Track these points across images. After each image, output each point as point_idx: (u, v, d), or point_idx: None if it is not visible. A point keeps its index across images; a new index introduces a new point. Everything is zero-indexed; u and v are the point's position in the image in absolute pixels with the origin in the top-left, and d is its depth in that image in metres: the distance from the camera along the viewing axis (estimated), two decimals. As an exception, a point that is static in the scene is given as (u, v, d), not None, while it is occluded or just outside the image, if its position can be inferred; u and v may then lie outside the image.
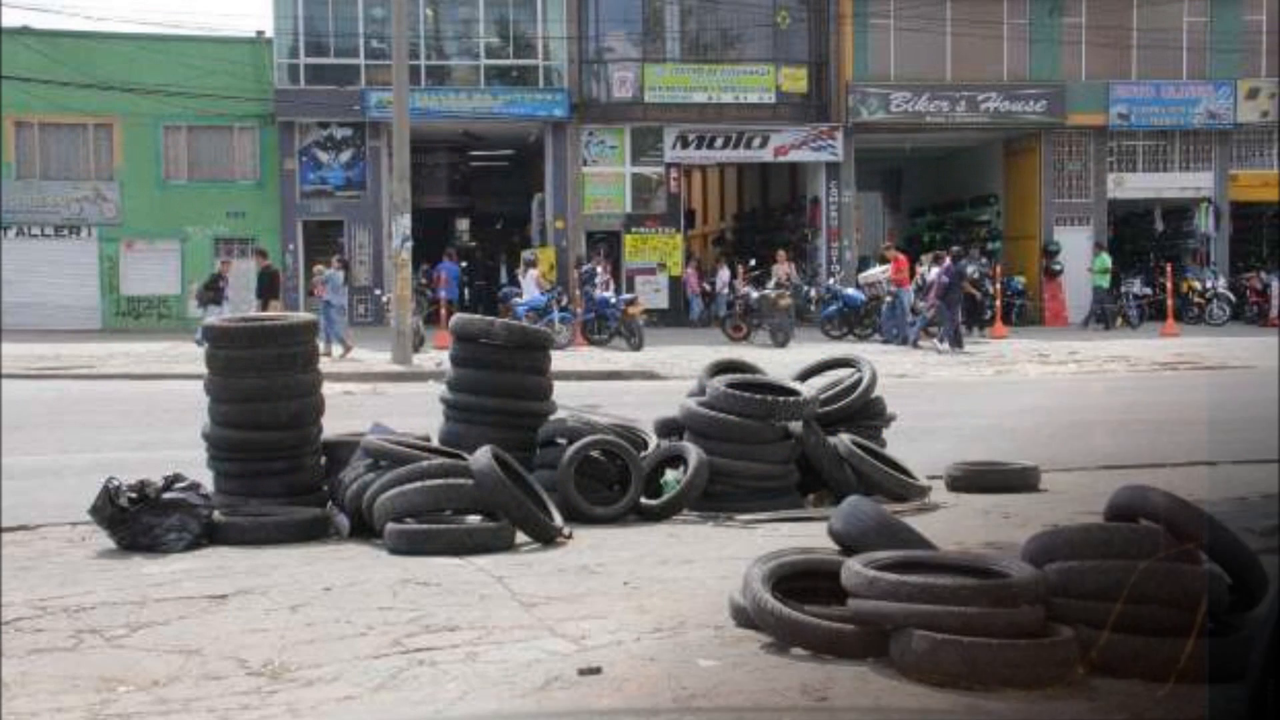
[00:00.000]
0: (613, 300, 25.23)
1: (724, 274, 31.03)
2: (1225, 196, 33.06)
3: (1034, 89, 31.82)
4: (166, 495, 7.05)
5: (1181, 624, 4.60)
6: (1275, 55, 31.95)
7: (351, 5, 30.79)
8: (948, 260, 24.15)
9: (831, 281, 29.30)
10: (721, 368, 8.86)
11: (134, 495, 6.98)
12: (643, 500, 7.79)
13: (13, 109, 29.51)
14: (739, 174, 39.57)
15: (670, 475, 7.98)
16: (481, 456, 7.03)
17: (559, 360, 11.33)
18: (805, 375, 9.30)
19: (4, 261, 29.97)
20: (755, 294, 25.69)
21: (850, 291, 26.95)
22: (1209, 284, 30.99)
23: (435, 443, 8.11)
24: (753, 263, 30.64)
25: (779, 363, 14.17)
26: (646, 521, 7.66)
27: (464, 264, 35.71)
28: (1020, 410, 14.47)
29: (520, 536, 6.95)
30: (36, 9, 53.57)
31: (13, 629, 5.27)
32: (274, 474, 7.76)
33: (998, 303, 28.20)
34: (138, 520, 6.94)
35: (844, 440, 8.21)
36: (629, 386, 17.82)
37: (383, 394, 16.61)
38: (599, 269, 27.30)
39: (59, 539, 7.35)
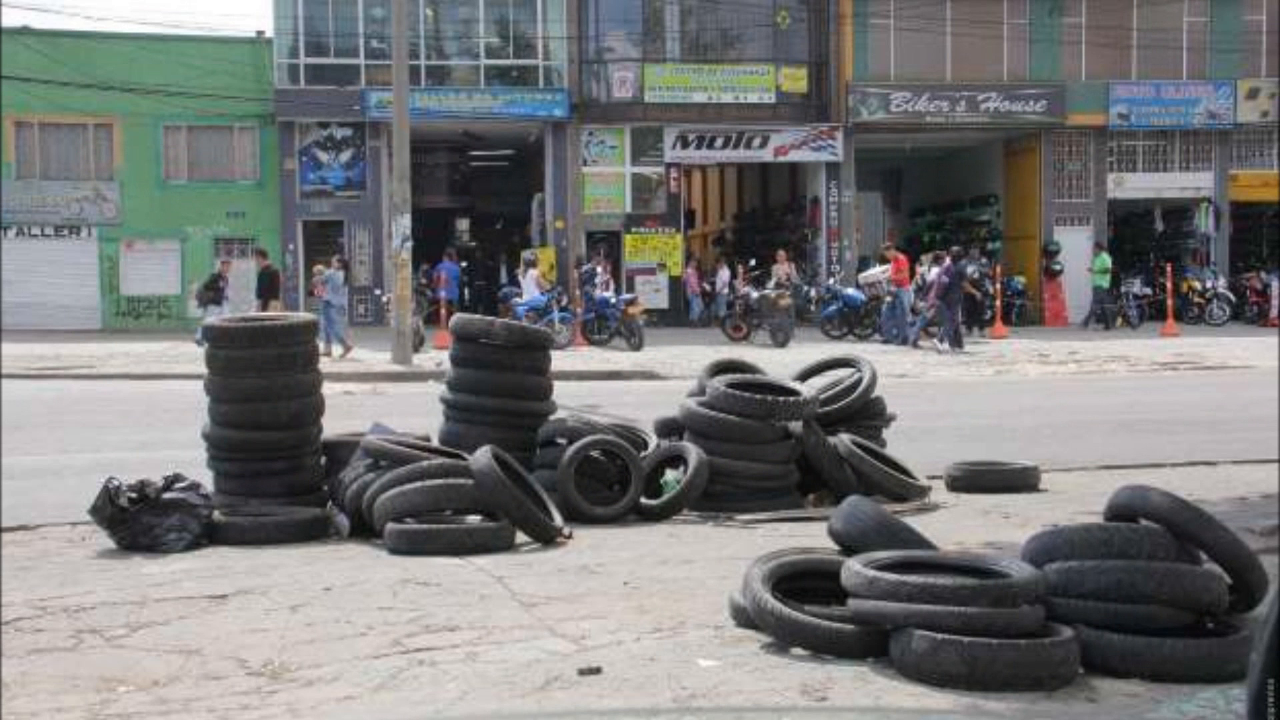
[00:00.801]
0: (613, 300, 25.23)
1: (724, 274, 31.03)
2: (1225, 196, 33.06)
3: (1034, 89, 31.83)
4: (166, 495, 7.04)
5: (1181, 624, 4.61)
6: (1275, 55, 31.96)
7: (351, 5, 30.80)
8: (948, 260, 24.15)
9: (831, 281, 29.31)
10: (721, 368, 8.85)
11: (134, 495, 6.98)
12: (643, 500, 7.79)
13: (13, 109, 29.51)
14: (739, 174, 39.58)
15: (670, 475, 7.98)
16: (481, 456, 7.03)
17: (559, 360, 11.34)
18: (805, 375, 9.30)
19: (4, 261, 29.98)
20: (755, 294, 25.69)
21: (850, 291, 26.95)
22: (1209, 284, 30.99)
23: (435, 443, 8.11)
24: (753, 263, 30.64)
25: (779, 363, 14.18)
26: (646, 521, 7.66)
27: (464, 264, 35.73)
28: (1020, 410, 14.47)
29: (520, 536, 6.95)
30: (36, 9, 53.66)
31: (13, 629, 5.28)
32: (274, 474, 7.76)
33: (998, 303, 28.20)
34: (138, 520, 6.94)
35: (844, 440, 8.21)
36: (629, 386, 17.82)
37: (383, 394, 16.61)
38: (599, 269, 27.29)
39: (59, 539, 7.35)
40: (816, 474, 8.16)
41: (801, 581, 5.07)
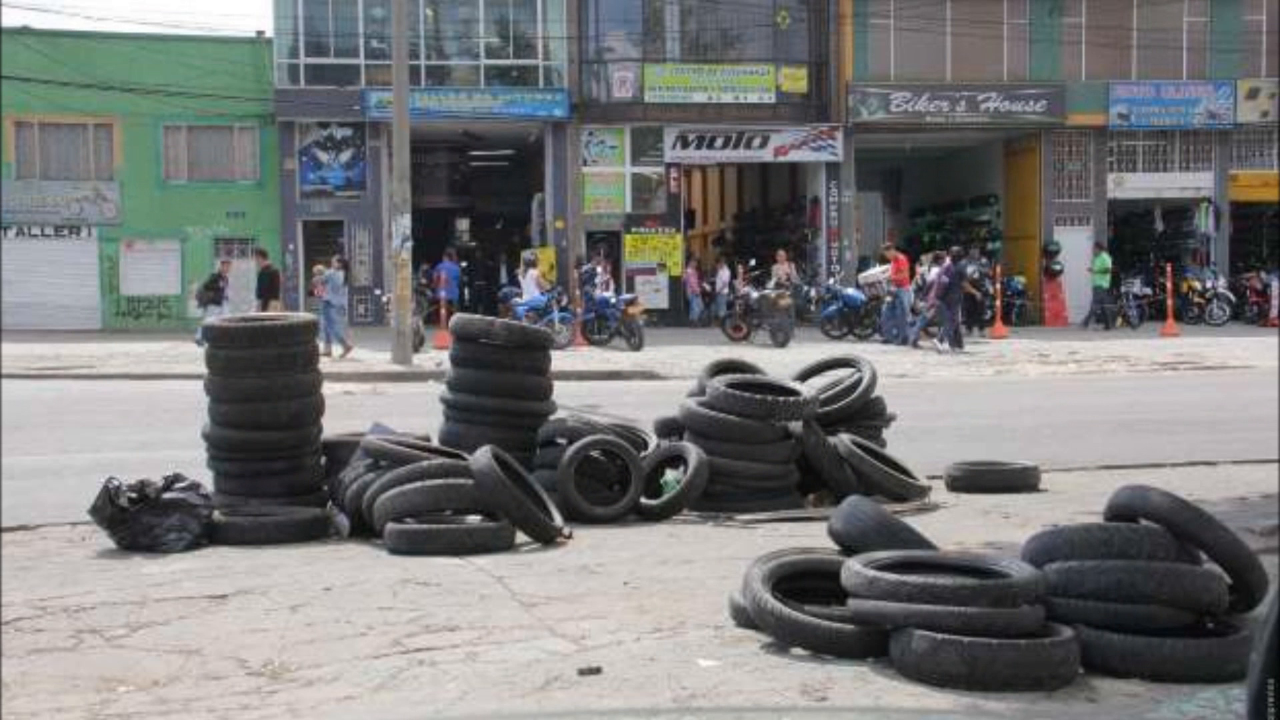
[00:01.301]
0: (613, 300, 25.23)
1: (724, 274, 31.04)
2: (1225, 196, 33.06)
3: (1034, 89, 31.83)
4: (166, 495, 7.04)
5: (1181, 624, 4.61)
6: (1275, 55, 31.96)
7: (351, 5, 30.80)
8: (948, 260, 24.15)
9: (831, 281, 29.31)
10: (721, 368, 8.85)
11: (134, 495, 6.98)
12: (643, 500, 7.78)
13: (13, 109, 29.51)
14: (739, 174, 39.58)
15: (670, 475, 7.98)
16: (481, 456, 7.03)
17: (559, 360, 11.33)
18: (805, 375, 9.30)
19: (4, 261, 29.98)
20: (755, 294, 25.69)
21: (850, 291, 26.95)
22: (1209, 284, 31.00)
23: (435, 443, 8.11)
24: (753, 263, 30.64)
25: (779, 363, 14.18)
26: (646, 521, 7.66)
27: (464, 264, 35.73)
28: (1020, 410, 14.47)
29: (520, 536, 6.95)
30: (36, 9, 53.65)
31: (13, 629, 5.27)
32: (274, 474, 7.76)
33: (998, 303, 28.20)
34: (138, 520, 6.94)
35: (844, 440, 8.21)
36: (629, 386, 17.82)
37: (383, 394, 16.61)
38: (599, 269, 27.29)
39: (59, 539, 7.35)
40: (816, 474, 8.16)
41: (801, 581, 5.07)
